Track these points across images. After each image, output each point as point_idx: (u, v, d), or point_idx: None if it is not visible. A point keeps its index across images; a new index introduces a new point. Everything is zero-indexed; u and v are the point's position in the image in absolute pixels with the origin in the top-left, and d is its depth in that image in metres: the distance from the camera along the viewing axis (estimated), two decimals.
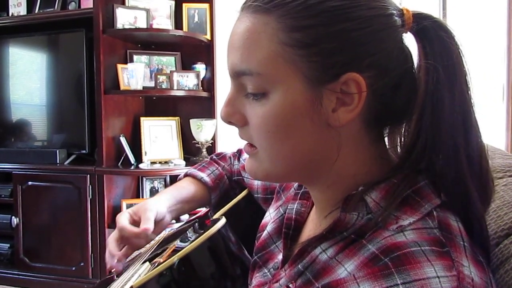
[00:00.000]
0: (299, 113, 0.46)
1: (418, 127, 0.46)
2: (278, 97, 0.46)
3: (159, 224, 0.85)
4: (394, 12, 0.47)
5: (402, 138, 0.51)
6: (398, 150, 0.53)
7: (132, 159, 2.55)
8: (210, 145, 2.60)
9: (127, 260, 0.84)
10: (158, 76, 2.53)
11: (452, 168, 0.46)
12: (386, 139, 0.53)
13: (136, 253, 0.86)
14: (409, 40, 0.49)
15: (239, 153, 1.00)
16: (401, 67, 0.48)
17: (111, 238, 0.82)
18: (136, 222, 0.82)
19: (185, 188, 0.93)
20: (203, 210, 1.03)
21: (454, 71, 0.46)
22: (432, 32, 0.47)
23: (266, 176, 0.53)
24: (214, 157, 1.02)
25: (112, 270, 0.79)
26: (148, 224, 0.79)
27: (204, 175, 0.95)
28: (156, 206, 0.84)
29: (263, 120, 0.48)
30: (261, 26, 0.46)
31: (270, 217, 0.69)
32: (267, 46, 0.46)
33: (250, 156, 0.53)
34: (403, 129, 0.51)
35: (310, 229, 0.57)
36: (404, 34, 0.48)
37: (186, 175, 0.97)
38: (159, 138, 2.67)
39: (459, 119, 0.45)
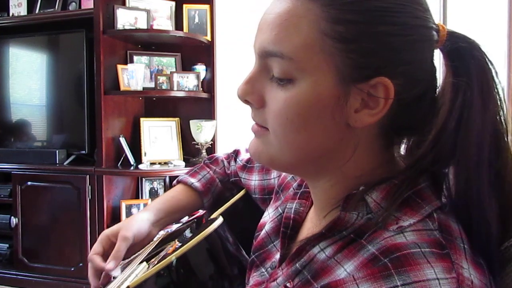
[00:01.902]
0: (322, 106, 0.45)
1: (435, 141, 0.45)
2: (306, 86, 0.45)
3: (142, 241, 0.86)
4: (433, 26, 0.47)
5: (410, 147, 0.51)
6: (402, 152, 0.52)
7: (131, 159, 2.54)
8: (210, 146, 2.60)
9: (125, 261, 0.84)
10: (158, 77, 2.53)
11: (471, 188, 0.45)
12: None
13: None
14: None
15: (235, 153, 1.00)
16: (428, 81, 0.48)
17: (89, 270, 0.82)
18: (113, 245, 0.82)
19: (174, 198, 0.94)
20: (201, 211, 1.02)
21: (489, 91, 0.46)
22: (468, 53, 0.46)
23: (269, 161, 0.51)
24: (207, 161, 1.02)
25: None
26: (112, 261, 0.79)
27: (194, 181, 0.95)
28: (138, 225, 0.84)
29: (284, 106, 0.46)
30: (304, 10, 0.44)
31: (269, 217, 0.68)
32: (306, 32, 0.44)
33: (257, 137, 0.51)
34: (412, 139, 0.50)
35: (308, 228, 0.57)
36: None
37: (178, 181, 0.98)
38: (159, 139, 2.66)
39: (487, 140, 0.45)
